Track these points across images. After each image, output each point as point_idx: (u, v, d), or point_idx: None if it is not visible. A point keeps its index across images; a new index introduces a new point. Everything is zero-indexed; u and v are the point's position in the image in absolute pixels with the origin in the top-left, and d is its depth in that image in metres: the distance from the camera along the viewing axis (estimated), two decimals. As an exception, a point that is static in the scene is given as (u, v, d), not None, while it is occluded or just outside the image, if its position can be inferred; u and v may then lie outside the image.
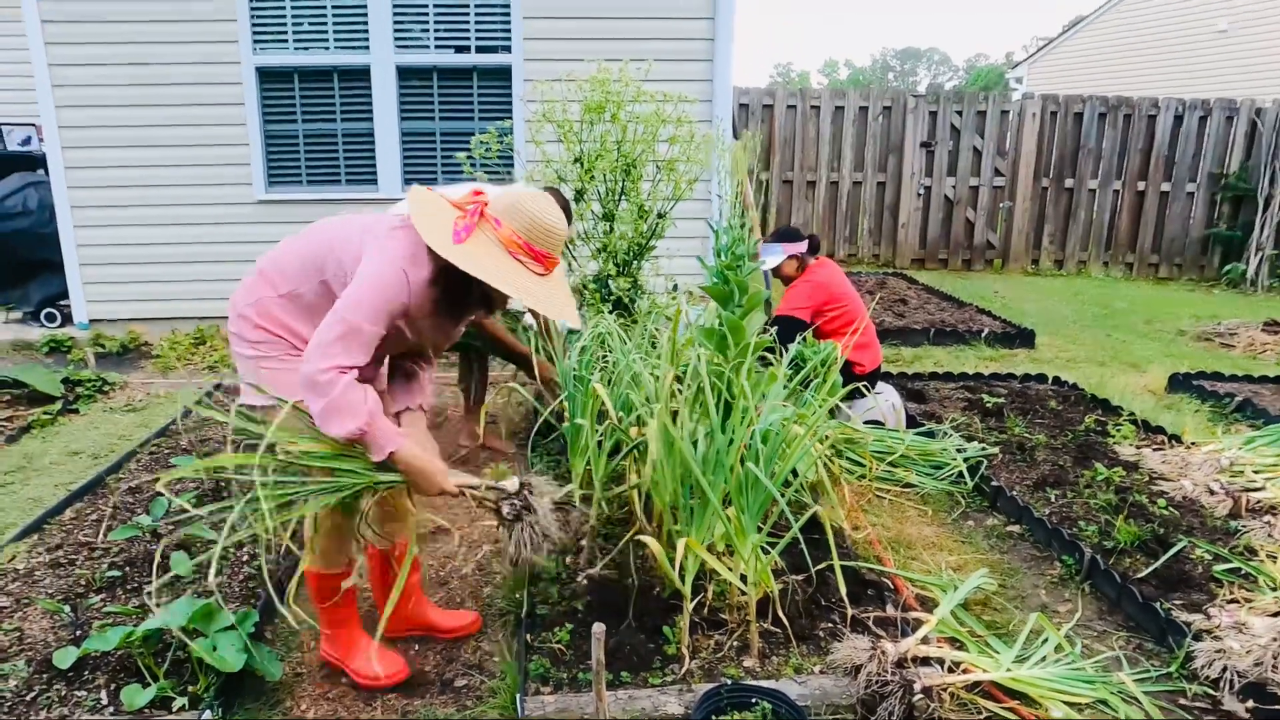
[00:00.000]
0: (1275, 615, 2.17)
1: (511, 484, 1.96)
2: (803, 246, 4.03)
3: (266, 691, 2.15)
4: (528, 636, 2.23)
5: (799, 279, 4.03)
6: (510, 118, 5.66)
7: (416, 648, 2.34)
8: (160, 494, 3.10)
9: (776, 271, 4.08)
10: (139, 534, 2.61)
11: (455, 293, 1.92)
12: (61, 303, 6.11)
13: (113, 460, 3.61)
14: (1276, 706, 1.96)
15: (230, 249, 5.93)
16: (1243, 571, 2.62)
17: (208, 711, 1.95)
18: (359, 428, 1.74)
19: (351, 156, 5.95)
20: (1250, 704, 2.05)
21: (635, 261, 4.12)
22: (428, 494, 1.89)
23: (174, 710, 1.97)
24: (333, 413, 1.73)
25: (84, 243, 5.85)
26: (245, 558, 2.76)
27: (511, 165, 4.96)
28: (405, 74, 5.81)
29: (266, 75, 5.75)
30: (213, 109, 5.72)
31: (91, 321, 5.97)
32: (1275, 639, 2.02)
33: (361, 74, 5.77)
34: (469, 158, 4.12)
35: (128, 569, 2.65)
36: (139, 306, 5.99)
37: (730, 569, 2.24)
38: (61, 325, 6.11)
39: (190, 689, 2.03)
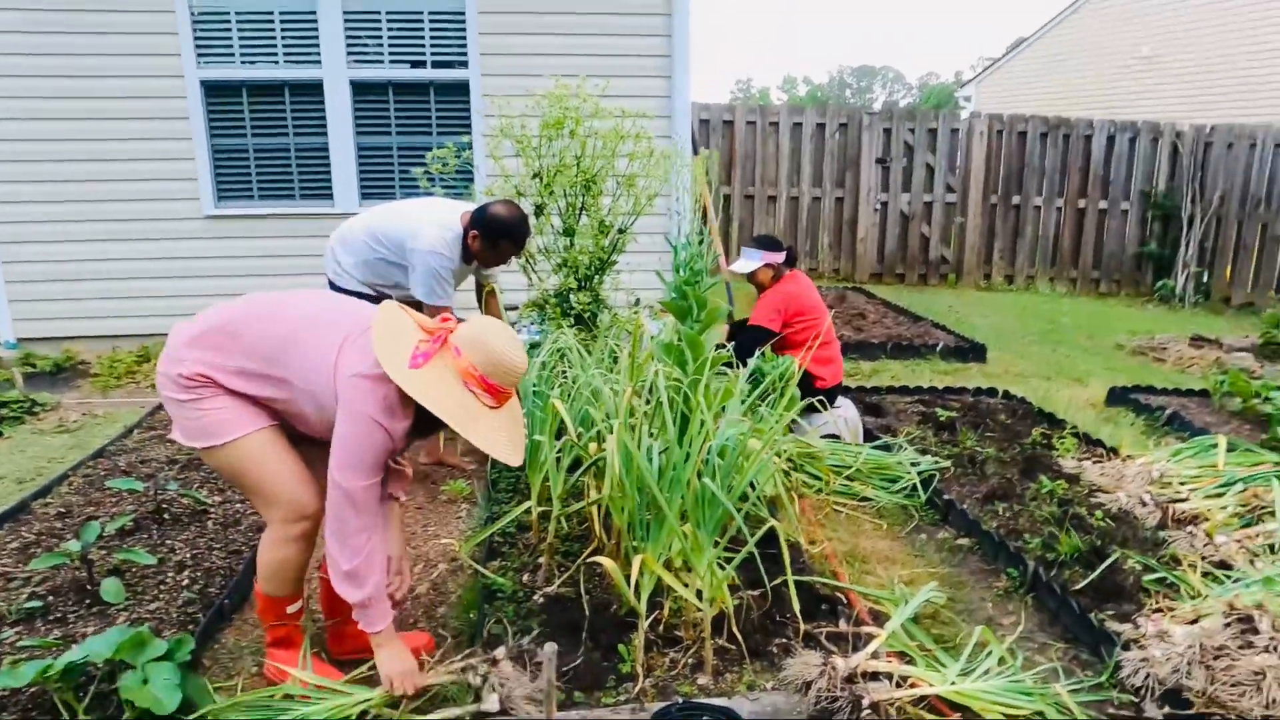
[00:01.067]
0: (1193, 623, 2.26)
1: (491, 704, 1.98)
2: (780, 256, 4.09)
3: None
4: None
5: (771, 288, 4.08)
6: (469, 133, 5.64)
7: (365, 670, 2.29)
8: (93, 519, 3.00)
9: (751, 277, 4.13)
10: (66, 561, 2.49)
11: (426, 424, 1.99)
12: (-13, 322, 5.85)
13: (40, 484, 3.45)
14: (1189, 712, 2.03)
15: (178, 264, 5.78)
16: (1168, 581, 2.72)
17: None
18: (366, 597, 1.95)
19: (306, 171, 5.86)
20: (1166, 710, 2.13)
21: (596, 276, 4.13)
22: (389, 679, 2.00)
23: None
24: (353, 578, 1.93)
25: (10, 259, 5.63)
26: (185, 581, 2.67)
27: (471, 180, 4.94)
28: (360, 89, 5.75)
29: (213, 89, 5.63)
30: (156, 123, 5.58)
31: (20, 340, 5.73)
32: (1190, 647, 2.10)
33: (314, 89, 5.69)
34: (426, 173, 4.10)
35: (51, 598, 2.53)
36: (76, 324, 5.78)
37: (686, 585, 2.25)
38: (-15, 345, 5.85)
39: (114, 725, 1.94)
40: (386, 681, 2.00)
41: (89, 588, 2.52)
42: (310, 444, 2.10)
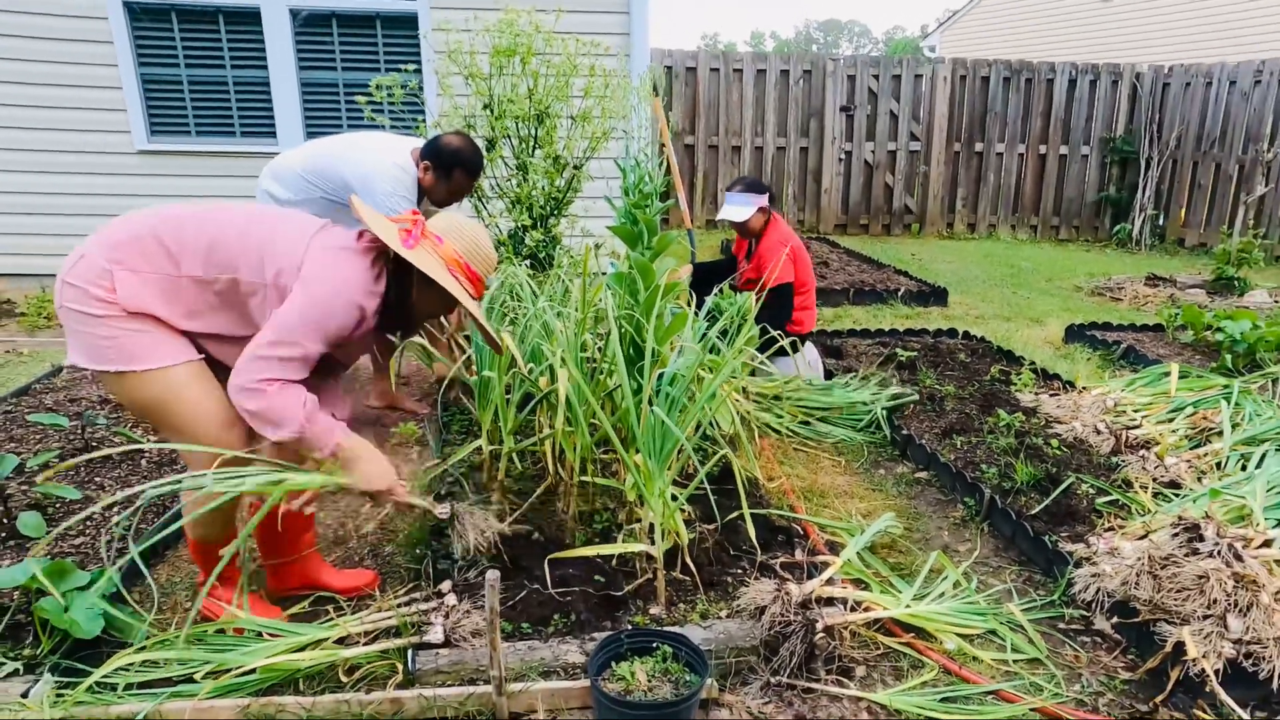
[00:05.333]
0: (1142, 539, 2.28)
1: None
2: (766, 199, 3.91)
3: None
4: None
5: (767, 237, 3.90)
6: (419, 67, 5.37)
7: (306, 606, 2.21)
8: (8, 454, 2.84)
9: (743, 224, 3.89)
10: (-19, 495, 2.37)
11: (389, 316, 1.94)
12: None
13: (-40, 423, 3.27)
14: (1135, 620, 2.08)
15: (110, 201, 5.46)
16: (1120, 503, 2.75)
17: (47, 674, 1.77)
18: (295, 431, 1.76)
19: (246, 106, 5.55)
20: (1115, 620, 2.18)
21: (551, 216, 3.98)
22: (374, 489, 1.88)
23: (2, 675, 1.79)
24: (268, 419, 1.74)
25: (-71, 192, 5.30)
26: (115, 517, 2.54)
27: (419, 114, 4.71)
28: (302, 20, 5.43)
29: (138, 13, 5.26)
30: (77, 46, 5.21)
31: (-57, 278, 5.45)
32: (1139, 559, 2.13)
33: (251, 17, 5.36)
34: (370, 102, 3.88)
35: (-35, 534, 2.40)
36: (2, 261, 5.47)
37: (639, 520, 2.19)
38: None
39: (27, 653, 1.85)
40: (376, 493, 1.88)
41: (5, 521, 2.39)
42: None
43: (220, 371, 1.88)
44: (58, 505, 2.55)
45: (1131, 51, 12.61)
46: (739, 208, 3.87)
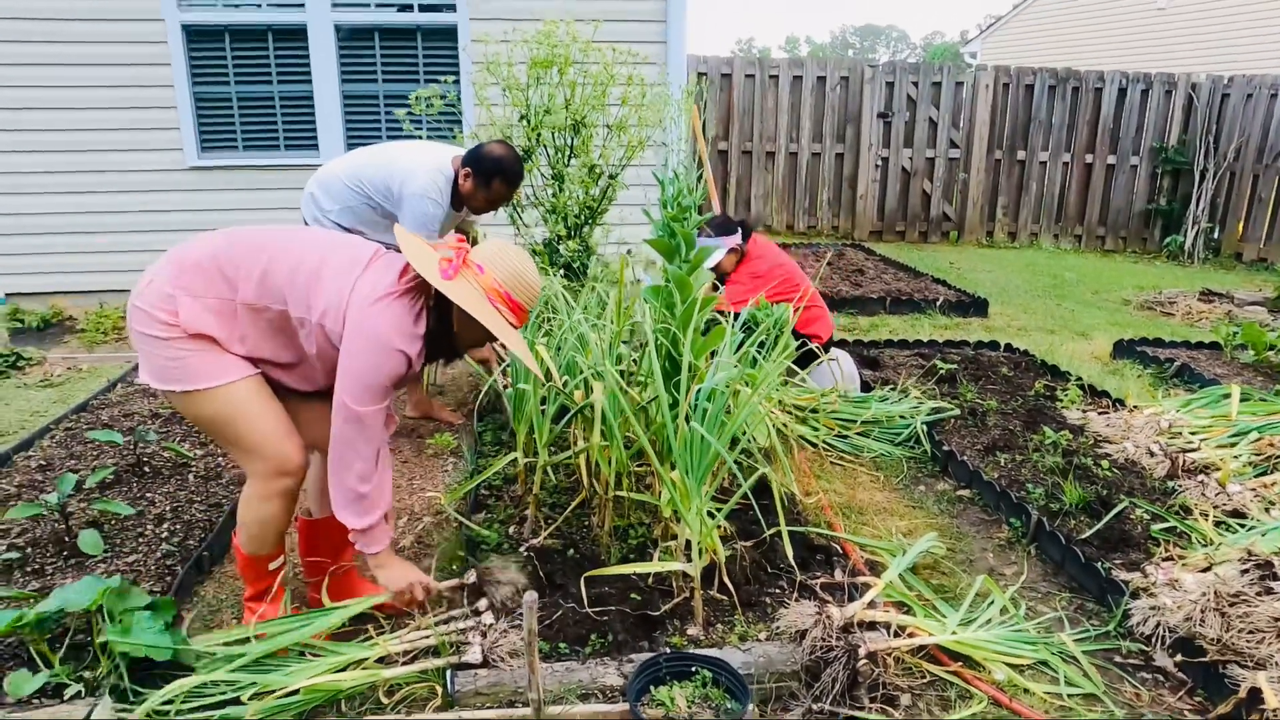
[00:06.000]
0: (1205, 571, 2.18)
1: (473, 655, 1.96)
2: (738, 238, 3.84)
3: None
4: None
5: (737, 273, 3.84)
6: (457, 79, 5.44)
7: (346, 623, 2.22)
8: (74, 472, 2.93)
9: (715, 269, 3.81)
10: (43, 512, 2.42)
11: (434, 346, 1.98)
12: (-22, 276, 5.75)
13: (22, 438, 3.37)
14: (1203, 660, 1.97)
15: (162, 218, 5.63)
16: (1178, 530, 2.64)
17: (106, 697, 1.80)
18: (373, 521, 1.92)
19: (290, 120, 5.67)
20: (1179, 658, 2.07)
21: (586, 225, 3.99)
22: (396, 588, 2.01)
23: (66, 698, 1.82)
24: (370, 505, 1.91)
25: (-3, 211, 5.51)
26: (164, 534, 2.59)
27: (456, 124, 4.76)
28: (345, 34, 5.55)
29: (194, 34, 5.43)
30: (137, 69, 5.40)
31: (8, 295, 5.63)
32: (1204, 594, 2.03)
33: (298, 33, 5.48)
34: (409, 114, 3.93)
35: (29, 550, 2.46)
36: (63, 279, 5.67)
37: (675, 536, 2.16)
38: (-25, 300, 5.75)
39: (87, 675, 1.88)
40: (399, 592, 1.99)
41: (67, 540, 2.46)
42: (294, 397, 2.02)
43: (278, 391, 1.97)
44: (113, 521, 2.61)
45: (1184, 61, 12.21)
46: (711, 253, 3.68)
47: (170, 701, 1.81)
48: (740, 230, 3.90)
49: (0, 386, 4.20)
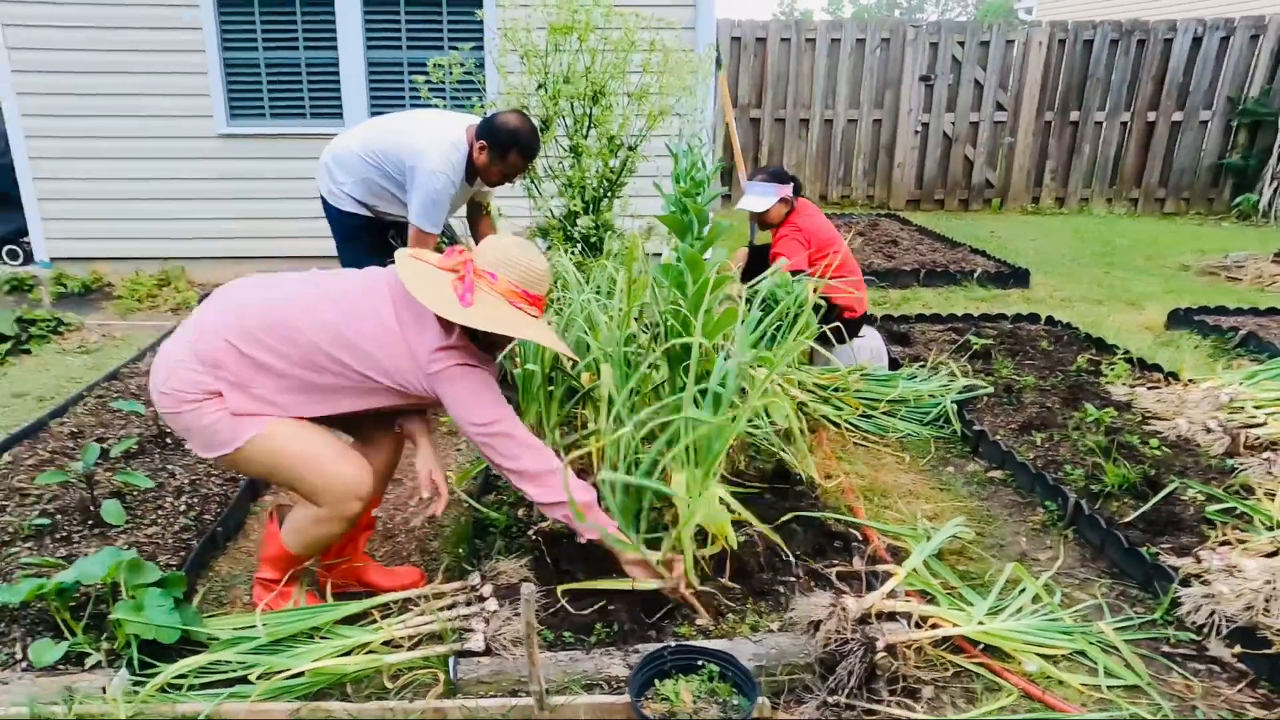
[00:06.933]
0: (1271, 555, 2.03)
1: (476, 643, 1.93)
2: (790, 189, 3.75)
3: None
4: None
5: (785, 225, 3.75)
6: (481, 46, 5.32)
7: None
8: (101, 440, 2.97)
9: (762, 215, 3.76)
10: (69, 479, 2.46)
11: (487, 339, 2.02)
12: (24, 240, 5.88)
13: (57, 404, 3.44)
14: (1266, 650, 1.83)
15: (192, 185, 5.68)
16: (1238, 511, 2.45)
17: (124, 670, 1.82)
18: (590, 497, 1.96)
19: (316, 87, 5.64)
20: (1238, 649, 1.93)
21: (605, 199, 3.87)
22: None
23: (88, 667, 1.85)
24: (552, 506, 1.94)
25: (41, 175, 5.60)
26: (183, 508, 2.61)
27: (476, 91, 4.66)
28: (371, 0, 5.46)
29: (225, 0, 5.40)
30: (170, 33, 5.40)
31: (53, 260, 5.76)
32: (1269, 581, 1.89)
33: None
34: (426, 81, 3.84)
35: (59, 517, 2.51)
36: (102, 245, 5.77)
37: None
38: (24, 263, 5.89)
39: (107, 645, 1.91)
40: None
41: (92, 509, 2.49)
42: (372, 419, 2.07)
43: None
44: (135, 493, 2.64)
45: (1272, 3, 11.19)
46: (759, 197, 3.70)
47: (184, 676, 1.83)
48: (793, 184, 3.78)
49: (44, 352, 4.33)
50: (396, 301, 1.92)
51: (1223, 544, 2.26)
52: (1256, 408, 3.07)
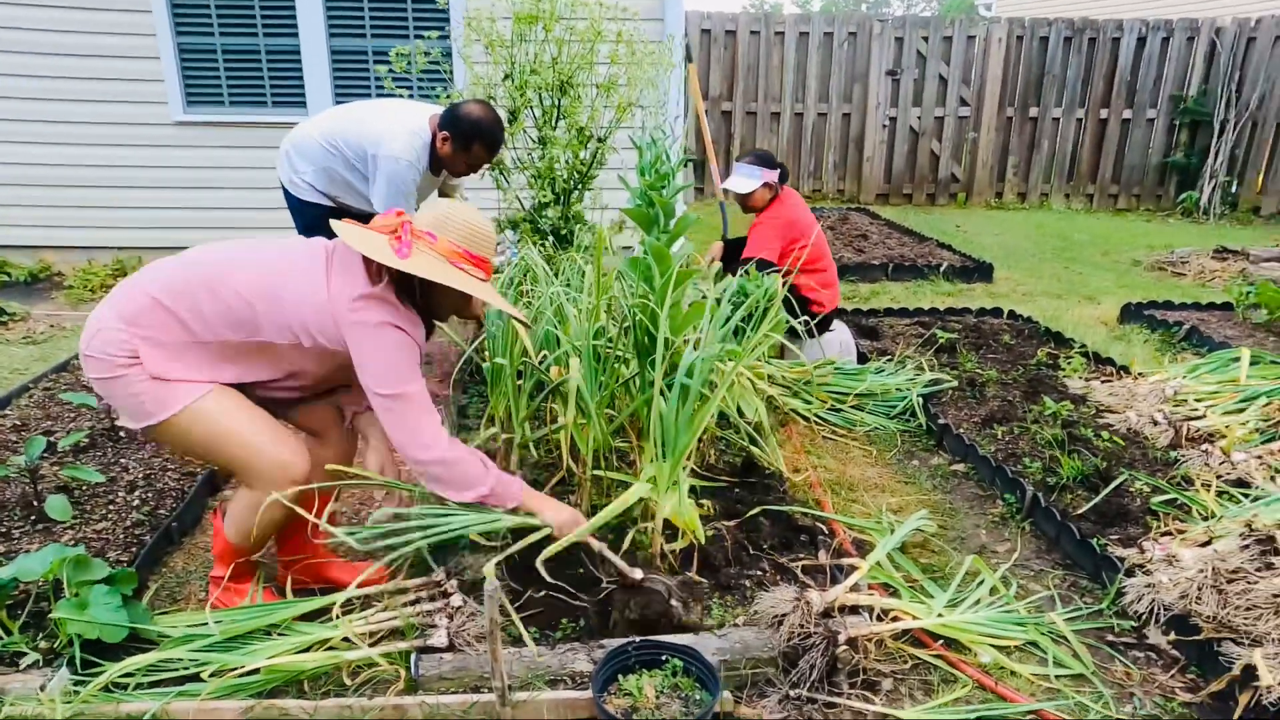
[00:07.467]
0: (1204, 545, 2.10)
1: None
2: (776, 174, 3.76)
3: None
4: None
5: (765, 212, 3.76)
6: (448, 35, 5.23)
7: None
8: (48, 434, 2.88)
9: (746, 197, 3.77)
10: (11, 474, 2.38)
11: (426, 312, 1.97)
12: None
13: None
14: (1196, 637, 1.91)
15: (148, 174, 5.51)
16: (1179, 502, 2.54)
17: (64, 669, 1.76)
18: (485, 492, 1.89)
19: (277, 75, 5.50)
20: (1172, 636, 2.01)
21: (575, 191, 3.84)
22: (563, 533, 1.95)
23: (22, 667, 1.78)
24: (458, 485, 1.87)
25: (-18, 160, 5.39)
26: (135, 502, 2.54)
27: (441, 82, 4.59)
28: (332, -16, 5.33)
29: (173, -21, 5.23)
30: (116, 15, 5.20)
31: (-2, 247, 5.55)
32: (1201, 570, 1.96)
33: (281, -19, 5.27)
34: (390, 72, 3.77)
35: (-3, 513, 2.42)
36: (50, 233, 5.57)
37: (653, 516, 2.09)
38: (-35, 252, 5.67)
39: (46, 644, 1.84)
40: (562, 535, 1.95)
41: (35, 504, 2.41)
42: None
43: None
44: (83, 487, 2.56)
45: (1208, 4, 11.61)
46: (743, 179, 3.73)
47: (131, 675, 1.78)
48: (780, 170, 3.79)
49: (-19, 343, 4.16)
50: (330, 259, 1.86)
51: (1164, 534, 2.33)
52: (1198, 400, 3.18)
